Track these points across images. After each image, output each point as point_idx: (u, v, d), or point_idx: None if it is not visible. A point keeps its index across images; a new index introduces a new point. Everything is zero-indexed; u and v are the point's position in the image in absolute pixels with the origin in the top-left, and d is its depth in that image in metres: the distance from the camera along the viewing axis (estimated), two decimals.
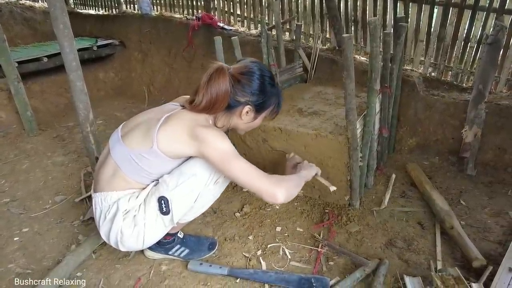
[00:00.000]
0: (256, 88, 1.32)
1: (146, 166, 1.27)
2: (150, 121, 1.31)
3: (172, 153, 1.27)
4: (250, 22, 3.66)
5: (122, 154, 1.29)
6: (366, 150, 1.77)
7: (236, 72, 1.30)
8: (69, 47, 1.85)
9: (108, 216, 1.31)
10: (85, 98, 1.99)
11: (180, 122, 1.27)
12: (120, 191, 1.30)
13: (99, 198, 1.33)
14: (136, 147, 1.27)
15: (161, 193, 1.28)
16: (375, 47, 1.55)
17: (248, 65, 1.34)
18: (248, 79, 1.31)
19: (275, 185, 1.23)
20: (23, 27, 4.27)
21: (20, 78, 2.72)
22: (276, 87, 1.42)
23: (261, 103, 1.36)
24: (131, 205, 1.29)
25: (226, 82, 1.27)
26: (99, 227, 1.36)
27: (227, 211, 1.87)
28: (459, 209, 1.82)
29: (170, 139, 1.25)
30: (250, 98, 1.33)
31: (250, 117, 1.39)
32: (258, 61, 1.39)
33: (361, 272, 1.40)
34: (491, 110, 2.17)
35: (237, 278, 1.44)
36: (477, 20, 2.36)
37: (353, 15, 2.92)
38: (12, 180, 2.24)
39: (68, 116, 3.28)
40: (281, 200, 1.22)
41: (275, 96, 1.41)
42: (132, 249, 1.39)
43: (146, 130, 1.28)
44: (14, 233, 1.76)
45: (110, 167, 1.31)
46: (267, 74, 1.36)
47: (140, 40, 3.97)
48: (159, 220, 1.30)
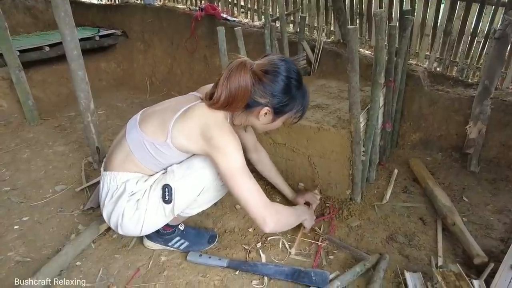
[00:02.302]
0: (279, 90, 1.22)
1: (157, 155, 1.27)
2: (168, 111, 1.28)
3: (185, 149, 1.25)
4: (254, 14, 3.63)
5: (136, 140, 1.28)
6: (369, 145, 1.75)
7: (259, 70, 1.21)
8: (70, 35, 1.83)
9: (115, 195, 1.31)
10: (86, 87, 1.97)
11: (195, 119, 1.22)
12: (130, 173, 1.31)
13: (108, 177, 1.33)
14: (151, 136, 1.26)
15: (167, 181, 1.27)
16: (381, 40, 1.52)
17: (274, 63, 1.22)
18: (272, 79, 1.20)
19: (269, 217, 1.23)
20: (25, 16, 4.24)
21: (21, 67, 2.71)
22: (302, 89, 1.29)
23: (282, 106, 1.26)
24: (138, 188, 1.29)
25: (247, 80, 1.18)
26: (103, 206, 1.35)
27: (227, 203, 1.87)
28: (462, 206, 1.81)
29: (184, 136, 1.22)
30: (270, 100, 1.23)
31: (268, 119, 1.30)
32: (286, 59, 1.27)
33: (361, 266, 1.39)
34: (496, 106, 2.14)
35: (236, 270, 1.44)
36: (485, 14, 2.32)
37: (359, 8, 2.88)
38: (13, 169, 2.24)
39: (70, 106, 3.27)
40: (267, 231, 1.26)
41: (300, 99, 1.29)
42: (130, 234, 1.38)
43: (162, 120, 1.26)
44: (14, 222, 1.76)
45: (124, 150, 1.31)
46: (293, 76, 1.24)
47: (142, 30, 3.93)
48: (160, 208, 1.30)
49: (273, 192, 1.95)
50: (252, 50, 2.83)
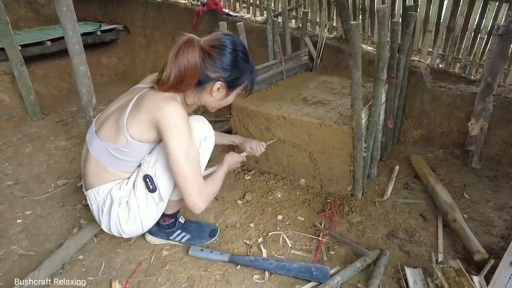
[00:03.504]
0: (228, 63, 1.24)
1: (126, 156, 1.28)
2: (118, 111, 1.29)
3: (145, 138, 1.26)
4: (256, 9, 3.61)
5: (100, 150, 1.29)
6: (370, 141, 1.75)
7: (207, 45, 1.22)
8: (72, 30, 1.83)
9: (105, 208, 1.33)
10: (88, 82, 1.97)
11: (144, 106, 1.22)
12: (109, 182, 1.32)
13: (92, 194, 1.35)
14: (112, 141, 1.26)
15: (144, 172, 1.29)
16: (383, 36, 1.51)
17: (220, 38, 1.24)
18: (220, 53, 1.22)
19: (200, 203, 1.25)
20: (26, 10, 4.22)
21: (23, 62, 2.71)
22: (250, 63, 1.33)
23: (234, 79, 1.28)
24: (123, 192, 1.31)
25: (196, 55, 1.18)
26: (100, 222, 1.38)
27: (229, 199, 1.87)
28: (463, 202, 1.81)
29: (138, 126, 1.23)
30: (222, 74, 1.25)
31: (222, 94, 1.32)
32: (231, 34, 1.30)
33: (361, 262, 1.40)
34: (499, 103, 2.13)
35: (237, 265, 1.45)
36: (488, 10, 2.31)
37: (361, 3, 2.86)
38: (15, 163, 2.25)
39: (71, 101, 3.27)
40: (197, 213, 1.28)
41: (249, 72, 1.32)
42: (134, 234, 1.40)
43: (115, 122, 1.27)
44: (17, 216, 1.77)
45: (93, 163, 1.32)
46: (240, 49, 1.27)
47: (144, 25, 3.92)
48: (149, 199, 1.31)
49: (274, 188, 1.95)
50: (254, 45, 2.82)
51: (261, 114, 1.91)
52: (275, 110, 1.89)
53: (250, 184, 1.99)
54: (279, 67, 2.33)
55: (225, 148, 2.37)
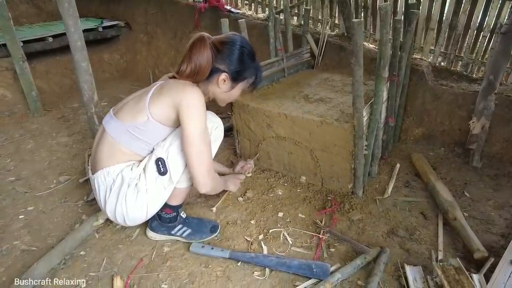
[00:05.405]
0: (235, 57, 1.38)
1: (143, 136, 1.34)
2: (139, 96, 1.39)
3: (164, 119, 1.34)
4: (258, 6, 3.60)
5: (118, 129, 1.35)
6: (371, 139, 1.75)
7: (217, 41, 1.37)
8: (74, 26, 1.83)
9: (114, 188, 1.35)
10: (89, 78, 1.98)
11: (166, 90, 1.34)
12: (122, 163, 1.36)
13: (101, 175, 1.36)
14: (131, 120, 1.34)
15: (157, 155, 1.35)
16: (385, 34, 1.51)
17: (229, 36, 1.41)
18: (229, 48, 1.37)
19: (208, 183, 1.38)
20: (28, 6, 4.22)
21: (25, 58, 2.71)
22: (255, 61, 1.46)
23: (238, 72, 1.40)
24: (134, 174, 1.35)
25: (208, 51, 1.33)
26: (105, 204, 1.38)
27: (230, 195, 1.88)
28: (463, 201, 1.81)
29: (160, 106, 1.32)
30: (227, 66, 1.38)
31: (227, 86, 1.43)
32: (240, 35, 1.45)
33: (361, 259, 1.40)
34: (500, 102, 2.13)
35: (238, 261, 1.46)
36: (491, 8, 2.30)
37: (363, 1, 2.85)
38: (17, 159, 2.25)
39: (73, 97, 3.28)
40: (202, 192, 1.40)
41: (253, 69, 1.45)
42: (137, 222, 1.41)
43: (137, 104, 1.36)
44: (20, 211, 1.78)
45: (107, 143, 1.37)
46: (247, 46, 1.41)
47: (146, 22, 3.92)
48: (158, 182, 1.35)
49: (275, 185, 1.96)
50: (255, 42, 2.82)
51: (262, 112, 1.92)
52: (277, 108, 1.89)
53: (251, 181, 2.00)
54: (280, 64, 2.32)
55: (225, 148, 2.37)
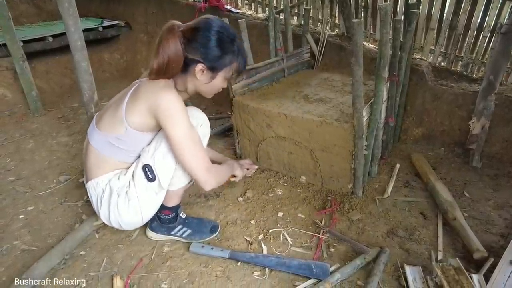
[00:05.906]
0: (212, 44, 1.23)
1: (126, 146, 1.32)
2: (116, 103, 1.34)
3: (144, 127, 1.30)
4: (258, 5, 3.60)
5: (100, 141, 1.33)
6: (371, 139, 1.76)
7: (187, 29, 1.24)
8: (74, 26, 1.83)
9: (104, 198, 1.36)
10: (89, 78, 1.97)
11: (141, 96, 1.26)
12: (108, 173, 1.35)
13: (91, 186, 1.38)
14: (111, 131, 1.30)
15: (143, 161, 1.32)
16: (385, 34, 1.51)
17: (202, 21, 1.25)
18: (199, 35, 1.22)
19: (210, 179, 1.33)
20: (29, 6, 4.22)
21: (25, 57, 2.71)
22: (235, 45, 1.29)
23: (214, 59, 1.25)
24: (122, 183, 1.33)
25: (176, 41, 1.20)
26: (99, 214, 1.41)
27: (230, 195, 1.88)
28: (463, 201, 1.81)
29: (137, 115, 1.26)
30: (202, 56, 1.24)
31: (207, 77, 1.30)
32: (211, 17, 1.28)
33: (361, 259, 1.41)
34: (500, 102, 2.13)
35: (238, 261, 1.46)
36: (491, 8, 2.29)
37: (363, 1, 2.85)
38: (18, 159, 2.25)
39: (73, 97, 3.28)
40: (208, 189, 1.35)
41: (231, 53, 1.28)
42: (134, 226, 1.42)
43: (114, 113, 1.31)
44: (20, 211, 1.78)
45: (93, 155, 1.36)
46: (224, 31, 1.25)
47: (146, 21, 3.92)
48: (149, 189, 1.34)
49: (275, 185, 1.96)
50: (255, 42, 2.82)
51: (262, 112, 1.92)
52: (276, 108, 1.89)
53: (251, 181, 2.00)
54: (280, 64, 2.32)
55: (225, 148, 2.37)
